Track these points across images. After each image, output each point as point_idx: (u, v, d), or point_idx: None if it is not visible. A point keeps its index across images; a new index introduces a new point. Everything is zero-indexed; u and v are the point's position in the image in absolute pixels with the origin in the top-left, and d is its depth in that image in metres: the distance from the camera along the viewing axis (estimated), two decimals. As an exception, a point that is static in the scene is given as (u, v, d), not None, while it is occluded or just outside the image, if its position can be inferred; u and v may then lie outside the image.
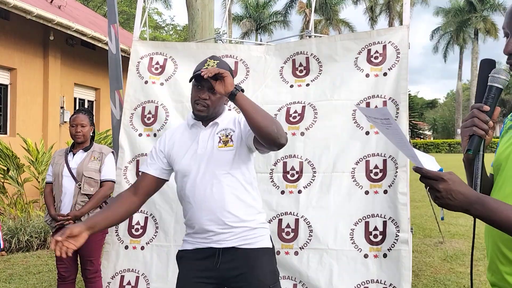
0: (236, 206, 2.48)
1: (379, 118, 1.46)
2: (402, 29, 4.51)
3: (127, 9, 30.20)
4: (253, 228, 2.51)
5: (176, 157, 2.61)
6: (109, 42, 5.15)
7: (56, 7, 11.90)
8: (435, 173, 1.38)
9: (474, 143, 1.45)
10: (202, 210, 2.48)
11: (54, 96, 11.34)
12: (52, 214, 4.05)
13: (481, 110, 1.46)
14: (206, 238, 2.50)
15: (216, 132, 2.55)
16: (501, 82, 1.47)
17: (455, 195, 1.35)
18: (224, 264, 2.47)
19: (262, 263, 2.48)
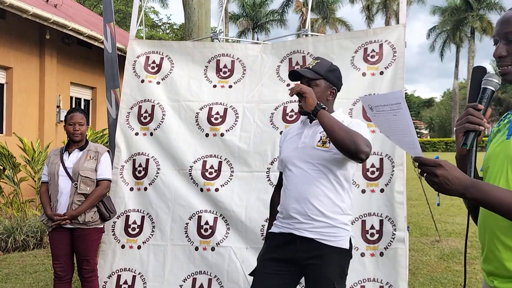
0: (321, 201, 2.65)
1: (388, 104, 1.56)
2: (398, 28, 4.51)
3: (124, 8, 30.13)
4: (334, 226, 2.65)
5: (284, 147, 2.89)
6: (105, 41, 5.13)
7: (52, 6, 11.86)
8: (433, 160, 1.50)
9: (470, 138, 1.57)
10: (291, 198, 2.70)
11: (50, 95, 11.31)
12: (48, 214, 4.03)
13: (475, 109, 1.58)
14: (289, 224, 2.70)
15: (319, 131, 2.72)
16: (494, 85, 1.62)
17: (452, 179, 1.48)
18: (301, 252, 2.65)
19: (333, 261, 2.63)
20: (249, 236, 4.39)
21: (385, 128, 1.66)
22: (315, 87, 2.75)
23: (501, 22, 1.69)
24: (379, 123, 1.67)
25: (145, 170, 4.73)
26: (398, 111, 1.54)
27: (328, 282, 2.59)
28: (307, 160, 2.69)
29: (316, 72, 2.79)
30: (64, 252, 4.08)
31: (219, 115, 4.74)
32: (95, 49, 12.23)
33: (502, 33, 1.67)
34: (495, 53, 1.67)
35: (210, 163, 4.63)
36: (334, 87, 2.85)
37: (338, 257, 2.66)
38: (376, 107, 1.62)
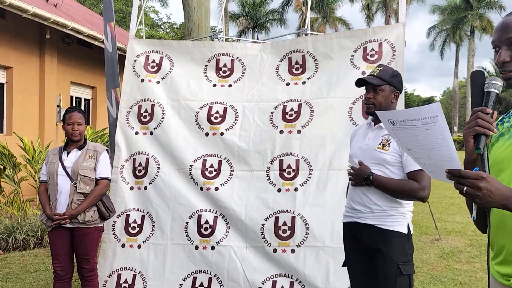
0: (379, 197, 2.95)
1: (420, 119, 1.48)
2: (398, 27, 4.52)
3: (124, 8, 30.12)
4: (391, 214, 2.95)
5: (352, 145, 3.22)
6: (105, 41, 5.14)
7: (52, 6, 11.86)
8: (476, 173, 1.44)
9: (481, 142, 1.53)
10: (354, 192, 3.05)
11: (51, 94, 11.31)
12: (48, 214, 4.04)
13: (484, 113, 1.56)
14: (354, 213, 3.05)
15: (381, 135, 3.02)
16: (497, 87, 1.61)
17: (494, 191, 1.43)
18: (366, 238, 2.98)
19: (394, 243, 2.91)
20: (249, 235, 4.40)
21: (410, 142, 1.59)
22: (380, 92, 3.04)
23: (501, 28, 1.70)
24: (402, 137, 1.60)
25: (145, 169, 4.74)
26: (434, 124, 1.47)
27: (392, 263, 2.88)
28: (369, 159, 3.00)
29: (380, 78, 3.05)
30: (64, 251, 4.08)
31: (219, 114, 4.75)
32: (95, 49, 12.23)
33: (504, 39, 1.67)
34: (498, 59, 1.67)
35: (210, 162, 4.64)
36: (397, 90, 3.10)
37: (398, 240, 2.93)
38: (402, 121, 1.53)
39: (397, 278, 2.86)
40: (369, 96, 3.05)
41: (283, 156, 4.49)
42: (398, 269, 2.87)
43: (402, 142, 1.64)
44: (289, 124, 4.56)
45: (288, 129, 4.55)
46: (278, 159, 4.50)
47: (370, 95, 3.05)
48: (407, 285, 2.89)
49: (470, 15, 41.99)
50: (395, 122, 1.56)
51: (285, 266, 4.27)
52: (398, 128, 1.57)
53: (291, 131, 4.53)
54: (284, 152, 4.50)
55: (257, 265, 4.33)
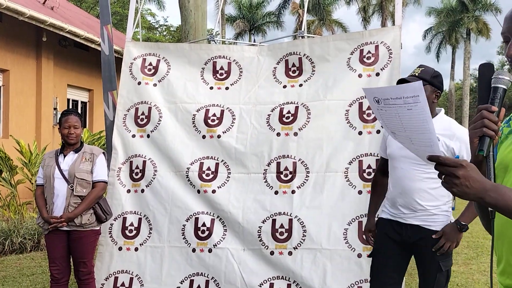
0: (422, 196, 3.01)
1: (402, 97, 1.42)
2: (394, 29, 4.54)
3: (121, 10, 30.10)
4: (434, 214, 3.02)
5: (390, 142, 3.20)
6: (102, 43, 5.14)
7: (48, 8, 11.85)
8: (455, 160, 1.38)
9: (485, 144, 1.44)
10: (397, 192, 3.10)
11: (47, 97, 11.30)
12: (44, 217, 4.03)
13: (489, 111, 1.45)
14: (396, 214, 3.12)
15: None
16: (505, 83, 1.49)
17: (473, 182, 1.35)
18: (407, 236, 3.07)
19: (435, 242, 2.98)
20: (246, 237, 4.40)
21: (394, 124, 1.53)
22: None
23: (510, 17, 1.54)
24: (386, 118, 1.53)
25: (142, 172, 4.74)
26: (415, 104, 1.40)
27: (433, 261, 2.99)
28: (410, 159, 2.99)
29: (422, 78, 3.02)
30: (61, 254, 4.08)
31: (216, 117, 4.75)
32: (92, 51, 12.22)
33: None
34: (508, 52, 1.53)
35: (207, 165, 4.64)
36: (438, 90, 3.11)
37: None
38: (386, 100, 1.47)
39: (438, 274, 3.00)
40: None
41: (280, 159, 4.50)
42: (438, 266, 2.99)
43: (387, 125, 1.56)
44: (286, 127, 4.57)
45: (285, 131, 4.56)
46: (275, 161, 4.51)
47: None
48: (445, 278, 3.06)
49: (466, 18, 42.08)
50: (380, 101, 1.49)
51: (282, 269, 4.27)
52: (382, 108, 1.50)
53: (288, 134, 4.54)
54: (281, 155, 4.51)
55: (254, 268, 4.33)
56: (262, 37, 41.26)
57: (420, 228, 3.03)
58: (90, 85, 13.12)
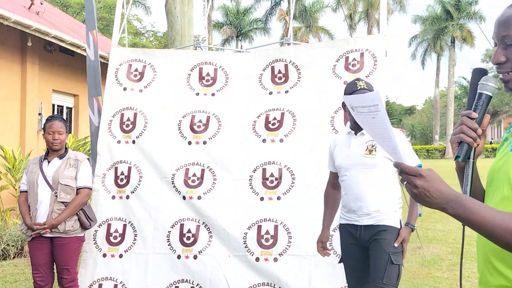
0: (374, 199, 3.17)
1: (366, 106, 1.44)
2: (379, 37, 4.58)
3: (107, 16, 30.00)
4: (385, 213, 3.19)
5: (336, 155, 3.37)
6: (87, 49, 5.12)
7: (34, 13, 11.77)
8: (414, 169, 1.37)
9: (463, 150, 1.45)
10: (350, 198, 3.25)
11: (32, 102, 11.19)
12: (28, 223, 3.99)
13: (469, 117, 1.45)
14: (352, 217, 3.27)
15: (365, 141, 3.21)
16: (490, 89, 1.48)
17: (432, 192, 1.35)
18: (364, 236, 3.22)
19: (387, 235, 3.15)
20: (232, 244, 4.40)
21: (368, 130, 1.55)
22: None
23: (498, 23, 1.51)
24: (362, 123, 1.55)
25: (127, 178, 4.71)
26: (376, 113, 1.42)
27: (384, 252, 3.14)
28: (359, 166, 3.19)
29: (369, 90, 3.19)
30: (44, 261, 4.03)
31: (202, 123, 4.75)
32: (77, 57, 12.14)
33: (500, 37, 1.50)
34: (493, 59, 1.52)
35: (192, 171, 4.63)
36: None
37: (391, 233, 3.18)
38: (356, 107, 1.49)
39: (387, 266, 3.12)
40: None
41: (266, 165, 4.51)
42: (389, 258, 3.12)
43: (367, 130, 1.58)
44: (272, 133, 4.58)
45: (271, 138, 4.57)
46: (261, 167, 4.51)
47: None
48: (396, 274, 3.16)
49: (450, 26, 42.60)
50: (353, 108, 1.51)
51: (267, 275, 4.27)
52: (357, 115, 1.53)
53: (274, 140, 4.55)
54: (267, 161, 4.51)
55: (239, 274, 4.32)
56: (249, 43, 41.39)
57: (373, 226, 3.20)
58: (76, 90, 13.03)
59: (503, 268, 1.44)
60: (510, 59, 1.49)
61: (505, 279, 1.43)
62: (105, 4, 30.73)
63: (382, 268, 3.13)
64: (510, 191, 1.45)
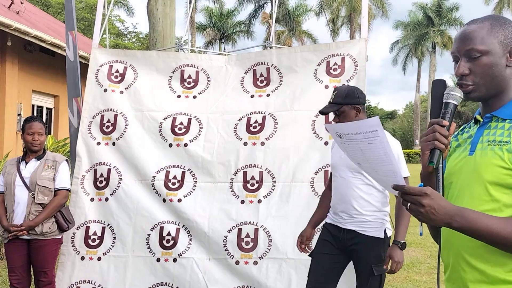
0: (359, 203, 3.23)
1: (361, 132, 1.47)
2: (360, 42, 4.61)
3: (89, 16, 29.75)
4: (369, 221, 3.23)
5: (332, 154, 3.47)
6: (66, 49, 5.07)
7: (14, 13, 11.64)
8: (419, 189, 1.41)
9: (436, 156, 1.50)
10: (337, 199, 3.33)
11: (11, 103, 11.05)
12: (4, 225, 3.93)
13: (440, 125, 1.52)
14: (337, 219, 3.34)
15: None
16: (456, 99, 1.56)
17: (438, 209, 1.40)
18: (345, 240, 3.27)
19: (369, 247, 3.20)
20: (212, 247, 4.38)
21: (357, 156, 1.59)
22: (342, 114, 3.29)
23: (460, 38, 1.63)
24: (350, 151, 1.59)
25: (106, 180, 4.67)
26: (375, 139, 1.45)
27: (366, 265, 3.18)
28: (348, 169, 3.26)
29: (336, 103, 3.29)
30: (21, 263, 3.98)
31: (183, 125, 4.73)
32: (58, 57, 12.03)
33: (464, 51, 1.61)
34: (457, 71, 1.61)
35: (173, 174, 4.61)
36: (357, 106, 3.30)
37: (373, 244, 3.21)
38: (346, 135, 1.52)
39: (370, 278, 3.18)
40: (335, 121, 3.34)
41: (247, 168, 4.51)
42: (371, 270, 3.17)
43: (351, 156, 1.62)
44: (253, 136, 4.58)
45: (252, 141, 4.57)
46: (242, 170, 4.51)
47: (336, 119, 3.34)
48: (378, 282, 3.22)
49: (431, 32, 43.16)
50: (342, 136, 1.54)
51: (247, 278, 4.26)
52: (345, 142, 1.56)
53: (255, 143, 4.55)
54: (248, 164, 4.51)
55: (219, 277, 4.31)
56: (232, 46, 41.41)
57: (356, 233, 3.23)
58: (56, 91, 12.90)
59: (479, 264, 1.52)
60: (473, 72, 1.59)
61: (481, 274, 1.52)
62: (86, 4, 30.50)
63: (364, 280, 3.22)
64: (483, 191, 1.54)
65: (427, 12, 43.52)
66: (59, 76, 12.54)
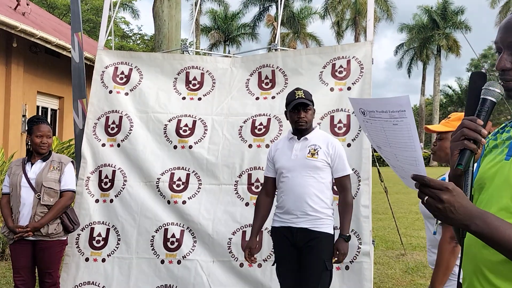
0: (312, 200, 3.35)
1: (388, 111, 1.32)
2: (365, 44, 4.60)
3: (94, 18, 29.85)
4: (321, 218, 3.37)
5: (278, 158, 3.54)
6: (72, 51, 5.08)
7: (20, 14, 11.68)
8: (440, 182, 1.27)
9: (465, 157, 1.34)
10: (289, 198, 3.40)
11: (16, 104, 11.08)
12: (10, 226, 3.93)
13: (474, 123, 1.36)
14: (288, 219, 3.41)
15: (307, 145, 3.44)
16: (495, 95, 1.39)
17: (458, 207, 1.25)
18: (299, 239, 3.37)
19: (322, 242, 3.34)
20: (216, 249, 4.38)
21: (379, 138, 1.43)
22: (309, 111, 3.49)
23: (505, 28, 1.44)
24: (371, 130, 1.43)
25: (111, 182, 4.68)
26: (401, 120, 1.30)
27: (319, 259, 3.32)
28: (301, 168, 3.39)
29: (308, 99, 3.48)
30: (26, 264, 3.98)
31: (188, 127, 4.73)
32: (63, 58, 12.05)
33: (507, 42, 1.42)
34: (498, 65, 1.43)
35: (177, 175, 4.61)
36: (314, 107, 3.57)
37: (326, 240, 3.37)
38: (371, 112, 1.37)
39: (322, 272, 3.32)
40: (302, 116, 3.46)
41: (252, 170, 4.50)
42: (324, 264, 3.32)
43: (372, 137, 1.46)
44: (258, 138, 4.58)
45: (257, 143, 4.56)
46: (247, 173, 4.50)
47: (303, 114, 3.47)
48: (329, 278, 3.38)
49: (436, 35, 43.05)
50: (365, 112, 1.39)
51: (251, 281, 4.25)
52: (368, 120, 1.40)
53: (260, 145, 4.55)
54: (253, 166, 4.51)
55: (223, 280, 4.30)
56: (236, 49, 41.40)
57: (309, 230, 3.35)
58: (61, 92, 12.93)
59: (497, 281, 1.37)
60: None
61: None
62: (92, 6, 30.59)
63: (317, 275, 3.32)
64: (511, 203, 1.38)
65: (432, 15, 43.41)
66: (64, 78, 12.58)
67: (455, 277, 2.55)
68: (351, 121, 4.37)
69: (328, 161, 3.41)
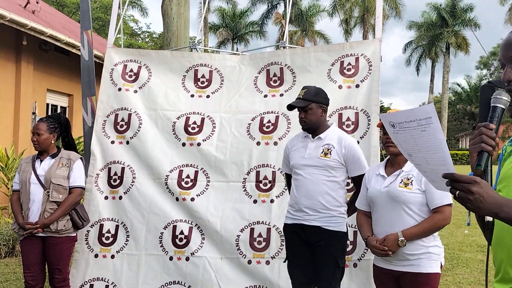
0: (325, 198, 3.38)
1: (415, 120, 1.49)
2: (374, 42, 4.59)
3: (103, 16, 29.94)
4: (333, 216, 3.40)
5: (293, 156, 3.58)
6: (81, 49, 5.11)
7: (30, 12, 11.74)
8: (468, 177, 1.43)
9: (484, 158, 1.52)
10: (302, 195, 3.43)
11: (26, 101, 11.15)
12: (20, 223, 3.96)
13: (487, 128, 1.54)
14: (300, 216, 3.44)
15: (321, 145, 3.47)
16: (503, 102, 1.60)
17: (487, 197, 1.41)
18: (310, 237, 3.41)
19: (334, 241, 3.38)
20: (224, 246, 4.39)
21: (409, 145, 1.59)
22: (309, 111, 3.46)
23: (505, 46, 1.67)
24: (402, 141, 1.60)
25: (120, 179, 4.70)
26: (428, 126, 1.47)
27: (332, 258, 3.35)
28: (314, 166, 3.42)
29: (306, 99, 3.46)
30: (36, 261, 4.01)
31: (196, 125, 4.74)
32: (72, 56, 12.10)
33: (508, 57, 1.65)
34: (504, 77, 1.65)
35: (186, 173, 4.63)
36: (323, 105, 3.52)
37: (339, 238, 3.39)
38: (400, 123, 1.55)
39: (335, 269, 3.37)
40: (301, 116, 3.49)
41: (260, 168, 4.51)
42: (336, 262, 3.36)
43: (403, 147, 1.63)
44: (266, 136, 4.59)
45: (265, 140, 4.57)
46: (255, 170, 4.51)
47: (302, 115, 3.49)
48: (340, 274, 3.44)
49: (445, 32, 42.77)
50: (395, 125, 1.57)
51: (259, 278, 4.27)
52: (398, 131, 1.58)
53: (268, 143, 4.55)
54: (261, 164, 4.52)
55: (231, 277, 4.32)
56: (245, 46, 41.38)
57: (321, 229, 3.38)
58: (71, 90, 12.98)
59: None
60: None
61: None
62: (101, 4, 30.69)
63: (329, 272, 3.36)
64: None
65: (441, 12, 43.13)
66: (73, 75, 12.63)
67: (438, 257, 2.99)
68: (359, 119, 4.37)
69: (341, 161, 3.43)
